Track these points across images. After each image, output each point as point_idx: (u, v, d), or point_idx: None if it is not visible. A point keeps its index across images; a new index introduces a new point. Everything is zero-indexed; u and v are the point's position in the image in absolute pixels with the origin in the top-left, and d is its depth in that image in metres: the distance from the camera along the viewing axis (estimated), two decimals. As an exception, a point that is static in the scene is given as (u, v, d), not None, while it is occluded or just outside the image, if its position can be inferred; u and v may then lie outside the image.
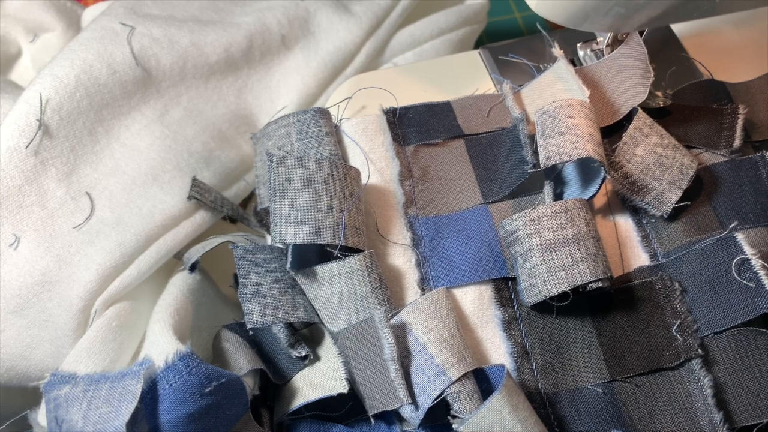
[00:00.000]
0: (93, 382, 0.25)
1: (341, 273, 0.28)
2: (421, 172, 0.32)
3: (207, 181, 0.34)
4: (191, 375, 0.25)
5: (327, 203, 0.28)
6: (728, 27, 0.37)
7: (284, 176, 0.28)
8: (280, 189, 0.28)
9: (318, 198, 0.28)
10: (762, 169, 0.31)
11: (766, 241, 0.30)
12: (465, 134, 0.33)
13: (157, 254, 0.31)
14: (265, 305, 0.28)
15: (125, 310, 0.30)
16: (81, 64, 0.32)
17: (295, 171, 0.28)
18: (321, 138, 0.31)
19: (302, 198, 0.28)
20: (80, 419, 0.24)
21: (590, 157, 0.28)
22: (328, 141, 0.31)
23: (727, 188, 0.31)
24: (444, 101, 0.34)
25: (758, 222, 0.30)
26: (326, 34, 0.38)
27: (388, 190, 0.31)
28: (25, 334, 0.30)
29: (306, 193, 0.28)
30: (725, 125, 0.33)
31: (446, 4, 0.42)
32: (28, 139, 0.31)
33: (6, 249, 0.30)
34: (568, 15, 0.29)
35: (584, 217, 0.29)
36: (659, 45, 0.36)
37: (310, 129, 0.32)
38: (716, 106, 0.34)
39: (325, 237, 0.28)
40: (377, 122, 0.32)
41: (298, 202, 0.28)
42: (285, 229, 0.28)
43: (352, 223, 0.28)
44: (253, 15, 0.38)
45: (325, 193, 0.28)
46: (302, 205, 0.28)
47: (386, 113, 0.32)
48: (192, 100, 0.35)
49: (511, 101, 0.33)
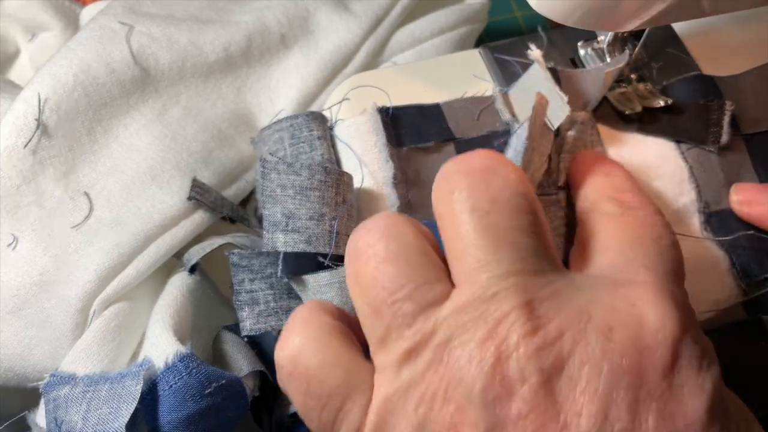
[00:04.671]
0: (92, 383, 0.25)
1: (332, 283, 0.28)
2: (413, 176, 0.32)
3: (206, 181, 0.34)
4: (191, 376, 0.25)
5: (319, 211, 0.28)
6: (730, 26, 0.36)
7: (276, 183, 0.28)
8: (272, 196, 0.28)
9: (310, 206, 0.28)
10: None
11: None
12: (456, 137, 0.32)
13: (156, 254, 0.31)
14: (258, 313, 0.28)
15: (124, 310, 0.30)
16: (79, 63, 0.32)
17: (287, 178, 0.28)
18: (313, 142, 0.31)
19: (294, 205, 0.28)
20: (80, 420, 0.24)
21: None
22: (320, 145, 0.31)
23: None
24: (434, 103, 0.33)
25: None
26: (326, 33, 0.38)
27: (382, 193, 0.31)
28: (23, 335, 0.30)
29: (297, 200, 0.28)
30: (712, 121, 0.33)
31: (446, 3, 0.42)
32: (26, 139, 0.30)
33: (4, 249, 0.30)
34: (569, 14, 0.29)
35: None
36: (660, 45, 0.36)
37: (303, 134, 0.31)
38: (703, 102, 0.34)
39: (316, 246, 0.28)
40: (370, 123, 0.32)
41: (289, 210, 0.28)
42: (276, 236, 0.28)
43: (344, 230, 0.28)
44: (252, 14, 0.38)
45: (317, 200, 0.28)
46: (294, 212, 0.28)
47: (380, 112, 0.32)
48: (191, 99, 0.35)
49: (500, 104, 0.33)
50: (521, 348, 0.19)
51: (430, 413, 0.20)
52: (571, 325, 0.19)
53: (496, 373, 0.19)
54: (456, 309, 0.20)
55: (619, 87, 0.34)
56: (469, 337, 0.20)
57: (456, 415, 0.19)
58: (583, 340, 0.19)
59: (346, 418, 0.21)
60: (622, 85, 0.34)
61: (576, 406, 0.18)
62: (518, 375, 0.19)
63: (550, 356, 0.19)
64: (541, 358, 0.19)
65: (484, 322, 0.20)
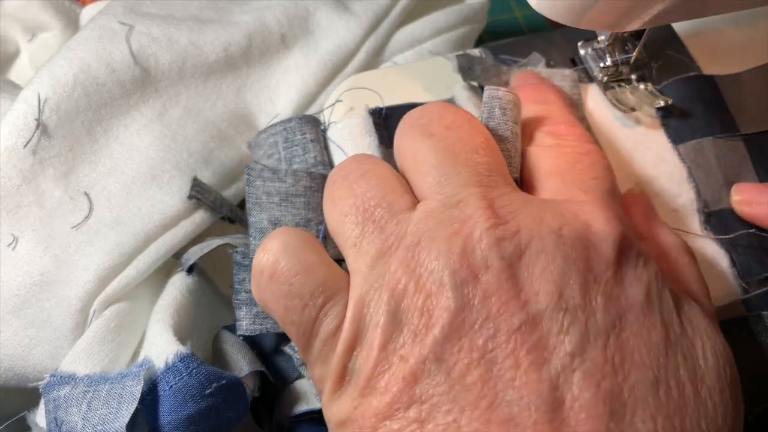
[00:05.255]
0: (93, 383, 0.25)
1: None
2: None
3: (206, 181, 0.34)
4: (191, 376, 0.25)
5: (305, 216, 0.29)
6: (730, 26, 0.36)
7: (261, 190, 0.29)
8: (258, 203, 0.29)
9: (296, 212, 0.29)
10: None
11: None
12: None
13: (155, 254, 0.31)
14: (255, 314, 0.28)
15: (124, 310, 0.30)
16: (79, 63, 0.32)
17: (273, 185, 0.29)
18: (306, 145, 0.32)
19: (280, 212, 0.28)
20: (80, 420, 0.24)
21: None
22: (313, 148, 0.32)
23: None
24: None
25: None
26: (326, 33, 0.38)
27: None
28: (23, 335, 0.30)
29: (283, 207, 0.29)
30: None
31: (446, 3, 0.42)
32: (26, 139, 0.30)
33: (4, 249, 0.30)
34: (569, 13, 0.29)
35: None
36: (660, 45, 0.36)
37: (296, 137, 0.32)
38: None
39: None
40: (363, 124, 0.32)
41: (276, 216, 0.28)
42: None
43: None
44: (252, 14, 0.38)
45: (303, 206, 0.29)
46: (280, 219, 0.28)
47: (372, 114, 0.32)
48: (191, 99, 0.35)
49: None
50: (484, 240, 0.21)
51: (402, 302, 0.21)
52: (526, 224, 0.22)
53: (463, 261, 0.21)
54: (424, 215, 0.23)
55: (618, 87, 0.34)
56: (437, 235, 0.22)
57: (428, 300, 0.21)
58: (538, 235, 0.22)
59: (327, 315, 0.23)
60: (621, 85, 0.34)
61: (535, 286, 0.21)
62: (482, 262, 0.21)
63: (509, 246, 0.21)
64: (501, 248, 0.21)
65: (450, 223, 0.22)
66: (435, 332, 0.21)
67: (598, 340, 0.20)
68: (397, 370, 0.21)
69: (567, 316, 0.21)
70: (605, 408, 0.20)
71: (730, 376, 0.22)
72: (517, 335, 0.20)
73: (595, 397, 0.20)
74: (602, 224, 0.22)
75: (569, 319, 0.21)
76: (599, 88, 0.34)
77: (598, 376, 0.20)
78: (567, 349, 0.20)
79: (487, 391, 0.20)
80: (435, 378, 0.20)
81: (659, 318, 0.22)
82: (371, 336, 0.22)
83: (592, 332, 0.21)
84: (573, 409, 0.19)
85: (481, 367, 0.20)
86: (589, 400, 0.20)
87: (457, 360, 0.20)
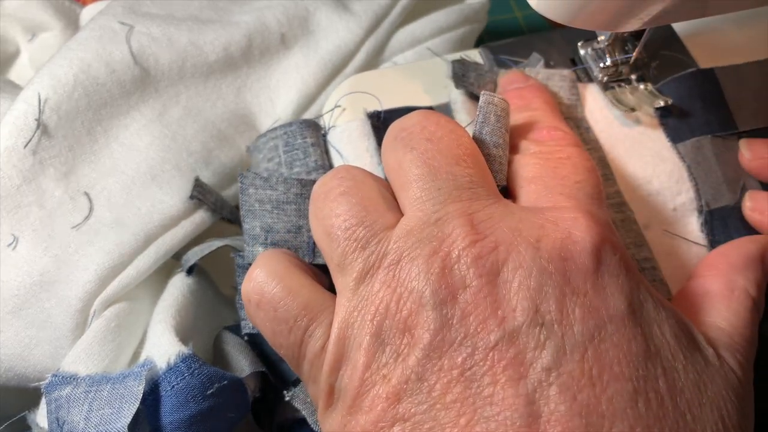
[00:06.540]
0: (94, 383, 0.25)
1: None
2: None
3: (206, 181, 0.34)
4: (193, 377, 0.25)
5: (296, 224, 0.29)
6: (730, 26, 0.36)
7: (254, 197, 0.29)
8: (251, 210, 0.29)
9: (287, 219, 0.29)
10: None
11: None
12: None
13: (156, 254, 0.31)
14: None
15: (124, 310, 0.30)
16: (79, 63, 0.32)
17: (264, 192, 0.29)
18: (307, 149, 0.32)
19: (272, 219, 0.29)
20: (82, 420, 0.24)
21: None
22: (314, 152, 0.32)
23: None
24: (426, 107, 0.33)
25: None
26: (326, 33, 0.38)
27: None
28: (24, 335, 0.30)
29: (275, 214, 0.29)
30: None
31: (446, 3, 0.42)
32: (27, 139, 0.30)
33: (4, 249, 0.30)
34: (568, 14, 0.29)
35: None
36: (659, 45, 0.36)
37: (296, 141, 0.32)
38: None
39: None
40: (361, 127, 0.32)
41: (268, 224, 0.29)
42: (256, 249, 0.29)
43: None
44: (252, 14, 0.38)
45: (294, 213, 0.29)
46: (272, 226, 0.29)
47: (370, 117, 0.32)
48: (191, 99, 0.35)
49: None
50: (462, 259, 0.22)
51: (385, 321, 0.22)
52: (504, 239, 0.22)
53: (442, 280, 0.22)
54: (405, 233, 0.23)
55: (618, 87, 0.34)
56: (417, 254, 0.22)
57: (409, 319, 0.22)
58: (515, 250, 0.22)
59: (312, 336, 0.24)
60: (621, 85, 0.34)
61: (512, 303, 0.21)
62: (461, 282, 0.22)
63: (487, 264, 0.22)
64: (479, 267, 0.22)
65: (429, 242, 0.22)
66: (416, 352, 0.21)
67: (575, 353, 0.21)
68: (380, 390, 0.21)
69: (543, 331, 0.21)
70: (581, 420, 0.20)
71: (711, 390, 0.22)
72: (494, 352, 0.20)
73: (571, 410, 0.20)
74: (583, 232, 0.22)
75: (545, 334, 0.21)
76: (599, 88, 0.35)
77: (575, 388, 0.20)
78: (543, 363, 0.20)
79: (466, 408, 0.20)
80: (417, 397, 0.21)
81: (640, 330, 0.22)
82: (355, 356, 0.22)
83: (569, 345, 0.21)
84: (549, 423, 0.20)
85: (461, 384, 0.20)
86: (564, 414, 0.20)
87: (437, 379, 0.21)
